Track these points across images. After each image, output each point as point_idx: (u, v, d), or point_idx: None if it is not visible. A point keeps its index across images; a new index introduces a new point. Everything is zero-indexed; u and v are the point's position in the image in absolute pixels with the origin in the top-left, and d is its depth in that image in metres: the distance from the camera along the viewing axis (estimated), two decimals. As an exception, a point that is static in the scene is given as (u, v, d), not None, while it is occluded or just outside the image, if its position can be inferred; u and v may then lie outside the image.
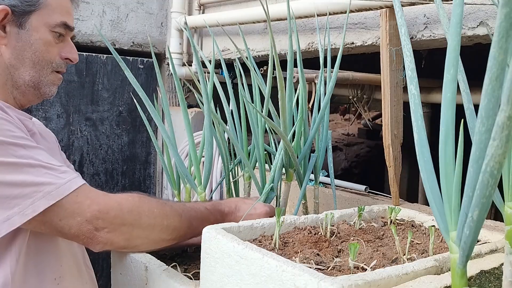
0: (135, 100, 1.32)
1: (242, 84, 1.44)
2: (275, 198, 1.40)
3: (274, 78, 1.32)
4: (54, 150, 1.25)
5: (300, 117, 1.37)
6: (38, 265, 1.07)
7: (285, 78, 1.41)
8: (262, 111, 1.32)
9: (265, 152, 1.44)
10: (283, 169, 1.36)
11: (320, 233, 1.10)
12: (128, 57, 2.77)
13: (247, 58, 1.24)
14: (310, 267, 0.85)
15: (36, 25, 1.09)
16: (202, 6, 2.74)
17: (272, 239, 1.04)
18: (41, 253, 1.08)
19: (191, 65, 2.72)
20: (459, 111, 0.72)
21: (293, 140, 1.36)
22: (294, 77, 1.40)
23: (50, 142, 1.26)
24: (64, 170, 1.02)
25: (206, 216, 1.16)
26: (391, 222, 1.25)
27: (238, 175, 1.54)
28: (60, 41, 1.14)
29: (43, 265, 1.08)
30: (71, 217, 0.99)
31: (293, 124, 1.38)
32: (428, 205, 1.11)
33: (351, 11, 1.74)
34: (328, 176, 1.86)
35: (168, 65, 2.92)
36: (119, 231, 1.02)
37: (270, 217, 1.19)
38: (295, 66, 1.37)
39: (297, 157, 1.37)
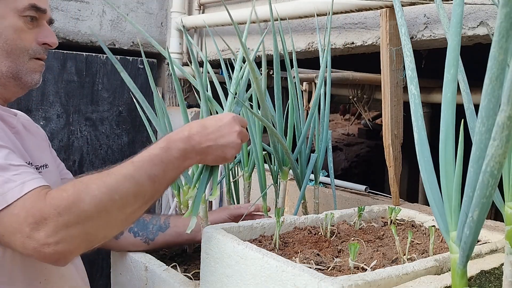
0: (135, 100, 1.32)
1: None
2: (275, 197, 1.40)
3: (281, 78, 1.33)
4: (42, 147, 1.20)
5: (291, 113, 1.37)
6: (25, 270, 1.01)
7: (285, 78, 1.41)
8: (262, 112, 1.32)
9: (265, 152, 1.44)
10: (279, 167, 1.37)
11: (320, 233, 1.10)
12: (128, 57, 2.77)
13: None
14: (310, 267, 0.85)
15: (2, 13, 1.03)
16: (202, 6, 2.73)
17: (272, 239, 1.03)
18: (26, 257, 0.99)
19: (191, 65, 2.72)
20: (459, 111, 0.72)
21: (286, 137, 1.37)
22: (294, 77, 1.40)
23: (38, 138, 1.22)
24: (21, 171, 0.89)
25: (165, 156, 0.96)
26: (391, 222, 1.25)
27: (238, 175, 1.54)
28: (34, 26, 1.07)
29: (29, 269, 1.02)
30: (11, 234, 0.85)
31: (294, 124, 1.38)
32: (428, 205, 1.11)
33: (351, 11, 1.74)
34: (328, 176, 1.86)
35: (168, 65, 2.91)
36: (68, 237, 0.85)
37: (241, 122, 1.05)
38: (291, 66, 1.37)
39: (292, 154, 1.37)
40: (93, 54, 2.67)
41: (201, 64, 1.72)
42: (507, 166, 0.71)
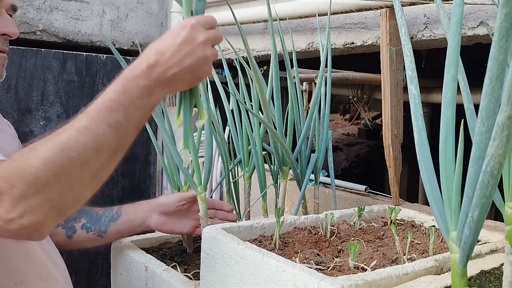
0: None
1: (237, 84, 1.44)
2: (275, 196, 1.41)
3: (280, 78, 1.33)
4: (12, 144, 1.16)
5: (291, 113, 1.37)
6: None
7: (285, 78, 1.41)
8: (262, 112, 1.32)
9: (265, 152, 1.44)
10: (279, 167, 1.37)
11: (320, 233, 1.10)
12: (128, 57, 2.76)
13: (243, 58, 1.24)
14: (310, 267, 0.85)
15: None
16: (202, 6, 2.73)
17: (272, 239, 1.03)
18: None
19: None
20: (459, 111, 0.72)
21: (286, 137, 1.37)
22: (294, 77, 1.40)
23: (7, 135, 1.17)
24: None
25: (124, 98, 0.82)
26: (391, 222, 1.25)
27: (238, 175, 1.54)
28: None
29: (1, 271, 0.97)
30: None
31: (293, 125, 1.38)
32: (428, 205, 1.11)
33: (351, 11, 1.74)
34: (328, 176, 1.86)
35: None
36: (30, 207, 0.76)
37: (204, 25, 0.88)
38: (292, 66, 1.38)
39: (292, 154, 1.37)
40: (93, 54, 2.67)
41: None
42: (507, 166, 0.71)
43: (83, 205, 1.15)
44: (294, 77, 1.40)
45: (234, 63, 1.48)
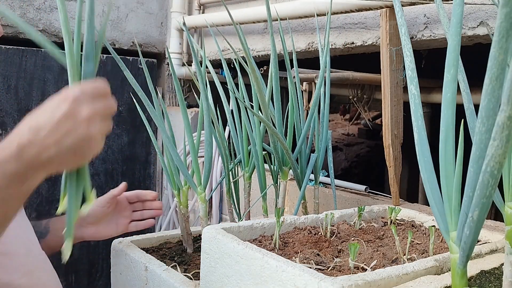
0: (135, 100, 1.31)
1: (237, 84, 1.44)
2: (275, 197, 1.41)
3: (280, 78, 1.33)
4: None
5: (291, 113, 1.37)
6: None
7: (285, 78, 1.41)
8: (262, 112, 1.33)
9: (265, 152, 1.44)
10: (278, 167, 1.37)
11: (320, 233, 1.10)
12: (128, 57, 2.77)
13: (243, 58, 1.24)
14: (310, 267, 0.85)
15: None
16: (202, 6, 2.74)
17: (272, 239, 1.03)
18: None
19: (191, 65, 2.72)
20: (459, 111, 0.72)
21: (286, 137, 1.37)
22: (294, 77, 1.40)
23: None
24: None
25: None
26: (391, 222, 1.25)
27: (238, 175, 1.54)
28: None
29: None
30: None
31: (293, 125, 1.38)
32: (428, 205, 1.11)
33: (351, 11, 1.74)
34: (328, 176, 1.86)
35: (168, 65, 2.91)
36: None
37: (91, 96, 0.73)
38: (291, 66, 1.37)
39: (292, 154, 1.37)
40: (93, 54, 2.67)
41: (200, 64, 1.72)
42: (507, 166, 0.71)
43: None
44: (294, 77, 1.40)
45: (233, 64, 1.48)
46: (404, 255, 0.99)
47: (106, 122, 0.77)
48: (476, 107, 0.65)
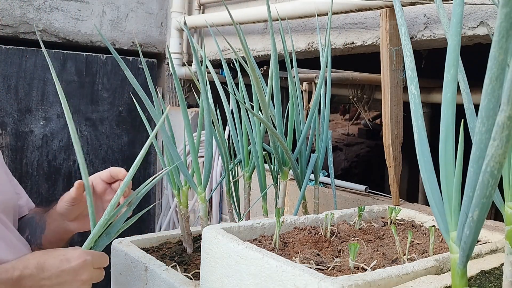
0: (134, 100, 1.32)
1: (237, 84, 1.44)
2: (277, 198, 1.40)
3: (280, 78, 1.33)
4: None
5: (291, 113, 1.37)
6: None
7: (285, 78, 1.41)
8: (262, 112, 1.33)
9: (265, 152, 1.44)
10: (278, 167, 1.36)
11: (320, 233, 1.10)
12: (128, 57, 2.77)
13: (243, 58, 1.24)
14: (310, 267, 0.85)
15: None
16: (202, 6, 2.74)
17: (272, 239, 1.03)
18: None
19: (191, 65, 2.72)
20: (459, 111, 0.72)
21: (286, 137, 1.37)
22: (294, 77, 1.40)
23: None
24: None
25: None
26: (391, 222, 1.25)
27: (238, 175, 1.54)
28: None
29: None
30: None
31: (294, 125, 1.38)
32: (428, 205, 1.11)
33: (351, 11, 1.74)
34: (328, 176, 1.86)
35: (168, 65, 2.91)
36: None
37: (96, 264, 0.92)
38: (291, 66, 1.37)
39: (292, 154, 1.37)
40: (93, 54, 2.67)
41: (200, 64, 1.72)
42: (507, 166, 0.71)
43: (41, 208, 1.14)
44: (294, 77, 1.40)
45: (233, 64, 1.48)
46: (404, 255, 0.99)
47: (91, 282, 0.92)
48: (476, 107, 0.64)
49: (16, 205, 1.19)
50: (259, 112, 1.35)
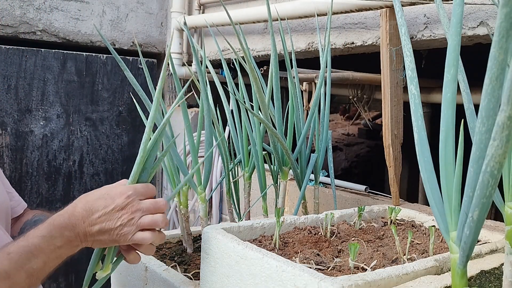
0: (134, 100, 1.31)
1: (237, 84, 1.44)
2: (275, 196, 1.40)
3: (280, 78, 1.33)
4: None
5: (291, 113, 1.37)
6: None
7: (285, 78, 1.41)
8: (262, 112, 1.33)
9: (265, 152, 1.44)
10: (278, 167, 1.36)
11: (320, 233, 1.10)
12: (128, 57, 2.77)
13: (243, 58, 1.24)
14: (310, 267, 0.85)
15: None
16: (202, 6, 2.74)
17: (272, 239, 1.03)
18: None
19: (191, 65, 2.72)
20: (459, 111, 0.72)
21: (286, 137, 1.37)
22: (294, 77, 1.40)
23: None
24: None
25: (47, 246, 0.86)
26: (391, 222, 1.25)
27: (238, 175, 1.54)
28: None
29: None
30: None
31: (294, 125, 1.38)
32: (428, 205, 1.11)
33: (351, 11, 1.74)
34: (328, 176, 1.86)
35: (168, 65, 2.91)
36: None
37: (141, 195, 0.92)
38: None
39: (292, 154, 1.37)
40: (93, 54, 2.67)
41: (200, 64, 1.72)
42: (507, 166, 0.71)
43: (45, 211, 1.14)
44: (293, 77, 1.40)
45: (233, 64, 1.48)
46: (404, 255, 0.99)
47: (149, 217, 0.92)
48: (476, 107, 0.64)
49: (8, 208, 1.18)
50: (259, 112, 1.35)
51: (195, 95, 1.47)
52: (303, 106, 1.49)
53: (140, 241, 0.92)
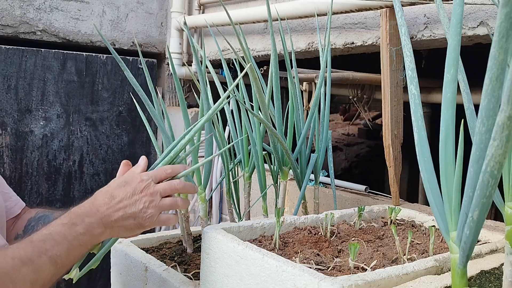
0: (134, 100, 1.31)
1: (237, 84, 1.44)
2: (275, 195, 1.40)
3: (280, 78, 1.33)
4: None
5: (291, 113, 1.37)
6: None
7: (285, 78, 1.41)
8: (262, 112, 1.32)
9: (265, 152, 1.44)
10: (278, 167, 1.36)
11: (320, 233, 1.10)
12: (128, 57, 2.77)
13: (243, 58, 1.24)
14: (310, 267, 0.85)
15: None
16: (202, 6, 2.74)
17: (272, 239, 1.03)
18: None
19: (191, 65, 2.72)
20: (459, 111, 0.72)
21: (286, 137, 1.36)
22: (294, 77, 1.40)
23: None
24: None
25: (69, 232, 0.87)
26: (391, 222, 1.25)
27: (238, 175, 1.54)
28: None
29: None
30: None
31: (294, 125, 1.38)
32: (428, 205, 1.11)
33: (351, 11, 1.74)
34: (328, 176, 1.86)
35: (168, 65, 2.91)
36: None
37: (157, 178, 0.96)
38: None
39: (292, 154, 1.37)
40: (93, 54, 2.67)
41: (200, 64, 1.72)
42: (507, 166, 0.71)
43: (47, 208, 1.15)
44: (294, 77, 1.40)
45: (233, 64, 1.48)
46: (404, 255, 0.99)
47: (170, 198, 0.97)
48: (476, 107, 0.64)
49: (2, 209, 1.18)
50: (259, 112, 1.35)
51: (195, 95, 1.47)
52: (303, 106, 1.49)
53: (165, 223, 0.95)
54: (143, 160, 1.03)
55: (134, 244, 1.30)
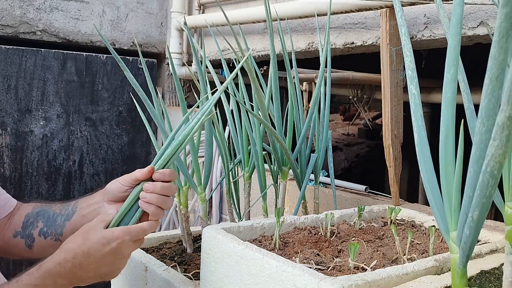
0: (134, 100, 1.31)
1: (238, 84, 1.44)
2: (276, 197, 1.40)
3: (280, 78, 1.33)
4: None
5: (291, 113, 1.37)
6: None
7: (285, 78, 1.41)
8: (261, 112, 1.32)
9: (265, 152, 1.44)
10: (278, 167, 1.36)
11: (320, 233, 1.10)
12: (128, 57, 2.77)
13: (242, 58, 1.24)
14: (310, 267, 0.85)
15: None
16: (202, 6, 2.74)
17: (272, 239, 1.03)
18: None
19: (191, 65, 2.72)
20: (459, 111, 0.72)
21: (286, 137, 1.36)
22: (294, 77, 1.40)
23: None
24: None
25: None
26: (391, 222, 1.25)
27: (238, 175, 1.54)
28: None
29: None
30: None
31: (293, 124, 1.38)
32: (428, 205, 1.11)
33: (351, 11, 1.74)
34: (328, 176, 1.86)
35: (168, 65, 2.91)
36: None
37: (133, 237, 0.94)
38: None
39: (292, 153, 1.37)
40: (93, 54, 2.67)
41: (200, 64, 1.72)
42: (507, 166, 0.71)
43: (43, 202, 1.16)
44: (293, 77, 1.40)
45: (233, 64, 1.48)
46: (404, 255, 0.99)
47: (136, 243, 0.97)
48: (476, 107, 0.64)
49: None
50: (259, 112, 1.35)
51: (195, 95, 1.47)
52: (303, 106, 1.49)
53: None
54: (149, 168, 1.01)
55: (134, 244, 1.30)
